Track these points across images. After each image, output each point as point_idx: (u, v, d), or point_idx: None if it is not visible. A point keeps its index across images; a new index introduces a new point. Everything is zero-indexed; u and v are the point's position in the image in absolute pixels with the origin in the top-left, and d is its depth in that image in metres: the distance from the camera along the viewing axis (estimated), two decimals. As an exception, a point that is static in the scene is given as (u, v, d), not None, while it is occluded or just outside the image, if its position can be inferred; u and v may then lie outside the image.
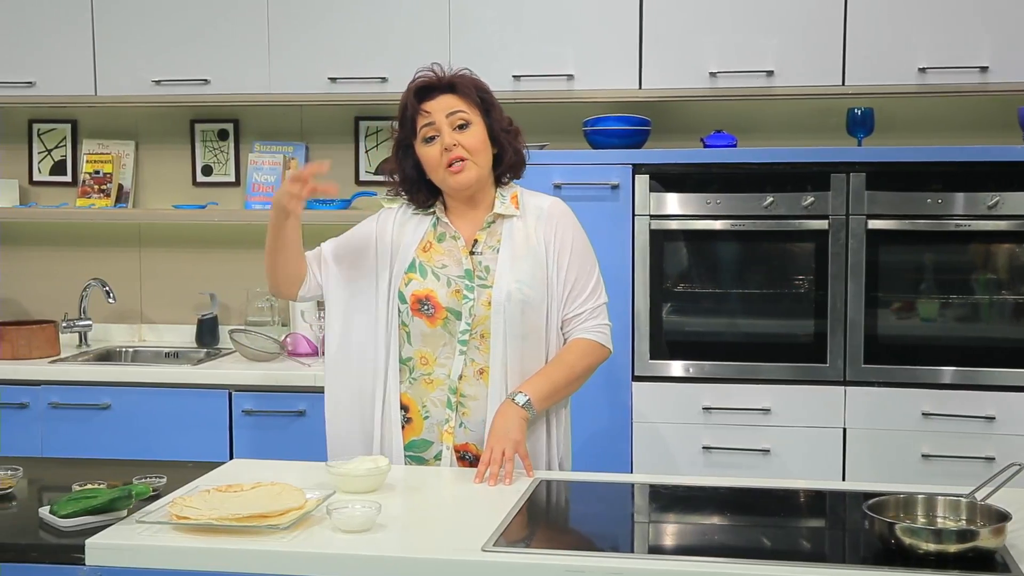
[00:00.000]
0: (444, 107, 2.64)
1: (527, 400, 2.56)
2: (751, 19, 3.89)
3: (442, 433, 2.64)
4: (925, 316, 3.70)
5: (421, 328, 2.64)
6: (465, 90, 2.68)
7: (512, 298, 2.61)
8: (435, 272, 2.66)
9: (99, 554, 2.04)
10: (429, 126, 2.64)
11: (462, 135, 2.63)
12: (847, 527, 2.30)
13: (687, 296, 3.83)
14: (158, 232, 4.65)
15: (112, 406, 4.00)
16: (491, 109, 2.71)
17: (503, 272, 2.63)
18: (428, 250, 2.70)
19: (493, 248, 2.68)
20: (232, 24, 4.18)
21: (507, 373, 2.62)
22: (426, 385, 2.65)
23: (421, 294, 2.64)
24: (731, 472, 3.71)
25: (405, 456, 2.66)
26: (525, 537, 2.12)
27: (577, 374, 2.68)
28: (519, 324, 2.62)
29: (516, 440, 2.50)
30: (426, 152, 2.65)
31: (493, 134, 2.69)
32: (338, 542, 2.05)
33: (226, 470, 2.58)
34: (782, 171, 3.70)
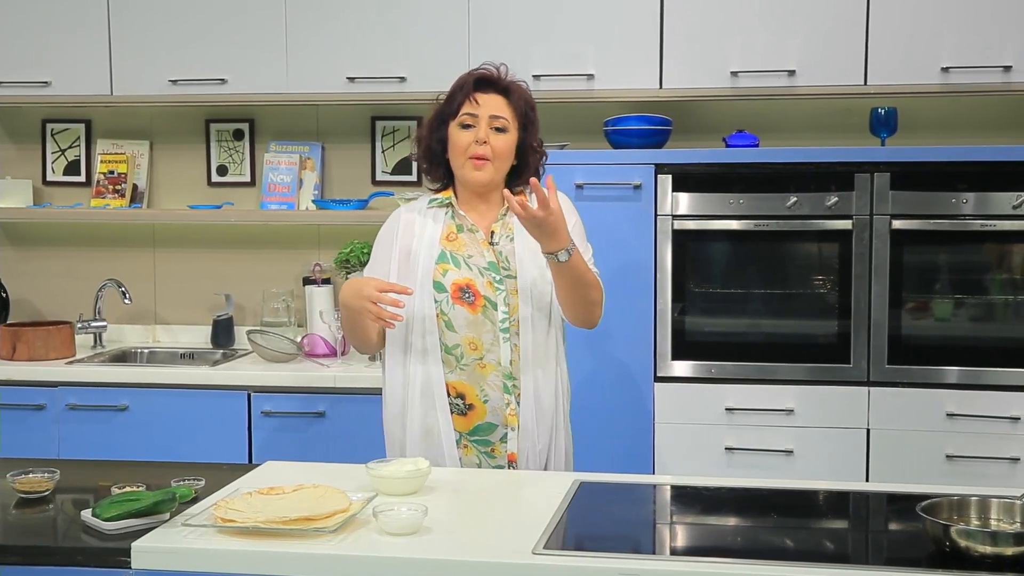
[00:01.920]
0: (493, 106, 2.78)
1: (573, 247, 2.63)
2: (773, 18, 3.88)
3: (506, 416, 2.74)
4: (949, 316, 3.69)
5: (464, 315, 2.73)
6: (516, 99, 2.82)
7: (536, 283, 2.74)
8: (467, 262, 2.76)
9: (145, 557, 2.02)
10: (471, 115, 2.76)
11: (495, 137, 2.76)
12: (896, 529, 2.29)
13: (710, 296, 3.81)
14: (173, 232, 4.63)
15: (130, 407, 3.98)
16: (529, 126, 2.84)
17: (524, 262, 2.75)
18: (453, 240, 2.79)
19: (507, 237, 2.79)
20: (249, 23, 4.16)
21: (543, 356, 2.76)
22: (480, 370, 2.73)
23: (462, 283, 2.74)
24: (753, 473, 3.69)
25: (469, 441, 2.74)
26: (574, 539, 2.10)
27: (594, 283, 2.77)
28: (543, 309, 2.77)
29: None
30: (458, 135, 2.77)
31: (522, 149, 2.82)
32: (386, 545, 2.03)
33: (262, 472, 2.56)
34: (806, 171, 3.69)
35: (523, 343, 2.74)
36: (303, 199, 4.46)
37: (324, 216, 4.40)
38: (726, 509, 2.40)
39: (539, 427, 2.76)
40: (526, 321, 2.74)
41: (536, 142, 2.85)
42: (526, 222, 2.57)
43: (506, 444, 2.74)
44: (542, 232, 2.58)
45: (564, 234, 2.61)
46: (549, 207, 2.54)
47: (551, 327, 2.80)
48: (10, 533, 2.20)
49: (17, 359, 4.11)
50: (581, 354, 3.76)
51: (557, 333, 2.82)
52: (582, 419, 3.73)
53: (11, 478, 2.34)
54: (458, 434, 2.74)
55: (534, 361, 2.75)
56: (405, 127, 4.47)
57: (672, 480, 2.67)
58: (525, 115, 2.81)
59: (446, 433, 2.72)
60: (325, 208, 4.36)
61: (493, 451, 2.76)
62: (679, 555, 2.03)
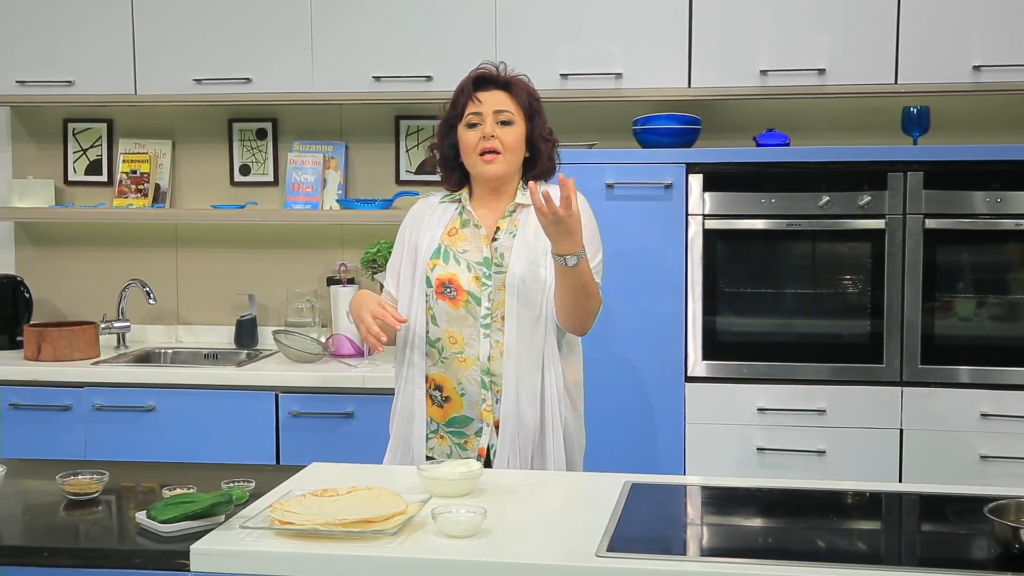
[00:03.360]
0: (494, 102, 2.83)
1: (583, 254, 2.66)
2: (802, 17, 3.86)
3: (481, 411, 2.77)
4: (983, 316, 3.68)
5: (446, 309, 2.79)
6: (517, 92, 2.87)
7: (524, 280, 2.75)
8: (456, 257, 2.81)
9: (204, 560, 2.00)
10: (476, 114, 2.82)
11: (502, 130, 2.81)
12: (967, 531, 2.28)
13: (741, 296, 3.80)
14: (195, 232, 4.60)
15: (157, 408, 3.96)
16: (536, 116, 2.89)
17: (517, 257, 2.78)
18: (453, 235, 2.85)
19: (511, 234, 2.82)
20: (274, 22, 4.14)
21: (525, 351, 2.76)
22: (459, 363, 2.78)
23: (444, 278, 2.80)
24: (784, 474, 3.68)
25: (445, 432, 2.81)
26: (636, 542, 2.08)
27: (595, 294, 2.78)
28: (530, 305, 2.76)
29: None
30: (466, 135, 2.82)
31: (532, 139, 2.87)
32: (446, 548, 2.01)
33: (309, 474, 2.54)
34: (838, 170, 3.68)
35: (506, 338, 2.76)
36: (327, 199, 4.44)
37: (348, 216, 4.38)
38: (781, 511, 2.40)
39: (520, 427, 2.76)
40: (511, 315, 2.75)
41: (546, 131, 2.90)
42: (544, 218, 2.56)
43: (480, 438, 2.79)
44: (558, 231, 2.58)
45: (578, 238, 2.62)
46: (571, 207, 2.55)
47: (540, 326, 2.78)
48: (64, 535, 2.18)
49: (42, 359, 4.09)
50: (611, 354, 3.76)
51: (549, 334, 2.80)
52: (612, 419, 3.75)
53: (60, 480, 2.32)
54: (435, 424, 2.82)
55: (517, 358, 2.75)
56: (430, 126, 4.44)
57: (724, 482, 2.65)
58: (530, 106, 2.87)
59: (419, 420, 2.80)
60: (349, 208, 4.34)
61: (467, 443, 2.81)
62: (743, 557, 2.00)
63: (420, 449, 2.82)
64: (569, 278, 2.67)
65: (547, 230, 2.61)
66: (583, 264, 2.66)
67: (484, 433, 2.78)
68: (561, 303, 2.75)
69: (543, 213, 2.55)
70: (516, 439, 2.77)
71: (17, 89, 4.29)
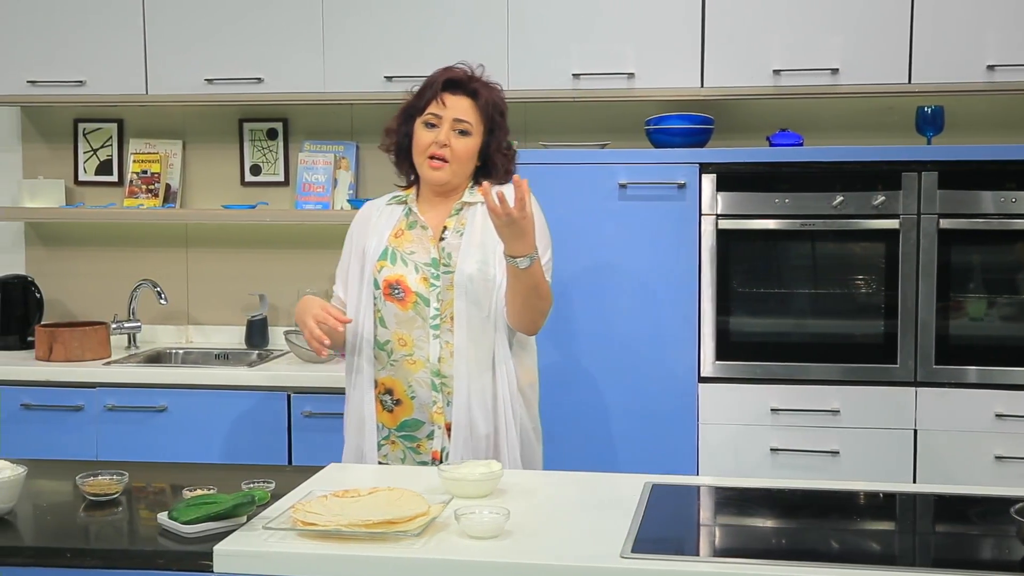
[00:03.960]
0: (458, 109, 2.82)
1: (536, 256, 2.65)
2: (815, 16, 3.85)
3: (432, 414, 2.77)
4: (997, 316, 3.67)
5: (394, 311, 2.79)
6: (484, 103, 2.84)
7: (473, 280, 2.74)
8: (404, 258, 2.81)
9: (228, 561, 1.99)
10: (436, 116, 2.82)
11: (457, 140, 2.81)
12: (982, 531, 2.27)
13: (754, 296, 3.79)
14: (206, 232, 4.60)
15: (169, 408, 3.95)
16: (496, 129, 2.87)
17: (465, 256, 2.77)
18: (400, 236, 2.85)
19: (459, 232, 2.82)
20: (286, 22, 4.13)
21: (473, 351, 2.75)
22: (409, 366, 2.78)
23: (392, 279, 2.79)
24: (798, 475, 3.67)
25: (397, 436, 2.80)
26: (660, 543, 2.08)
27: (546, 295, 2.78)
28: (479, 305, 2.76)
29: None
30: (421, 134, 2.83)
31: (487, 151, 2.85)
32: (470, 549, 2.01)
33: (328, 474, 2.53)
34: (852, 170, 3.67)
35: (456, 339, 2.75)
36: (338, 199, 4.44)
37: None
38: (804, 512, 2.39)
39: (473, 427, 2.75)
40: (460, 315, 2.75)
41: (504, 145, 2.88)
42: (498, 219, 2.55)
43: (432, 441, 2.78)
44: (511, 232, 2.58)
45: (532, 239, 2.62)
46: (524, 209, 2.54)
47: (491, 326, 2.78)
48: (86, 536, 2.17)
49: (54, 360, 4.08)
50: (624, 354, 3.76)
51: (499, 333, 2.79)
52: (625, 420, 3.75)
53: (80, 481, 2.31)
54: (386, 430, 2.81)
55: (467, 358, 2.75)
56: (441, 126, 4.43)
57: (745, 482, 2.64)
58: (492, 119, 2.84)
59: (369, 427, 2.80)
60: (360, 208, 4.32)
61: (419, 447, 2.81)
62: (771, 558, 2.00)
63: (373, 456, 2.81)
64: (521, 279, 2.67)
65: (500, 231, 2.60)
66: (535, 265, 2.66)
67: (436, 436, 2.78)
68: (512, 304, 2.75)
69: (497, 214, 2.54)
70: (469, 441, 2.76)
71: (28, 89, 4.28)
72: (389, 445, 2.82)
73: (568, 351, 3.77)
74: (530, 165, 3.75)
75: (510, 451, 2.79)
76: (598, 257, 3.76)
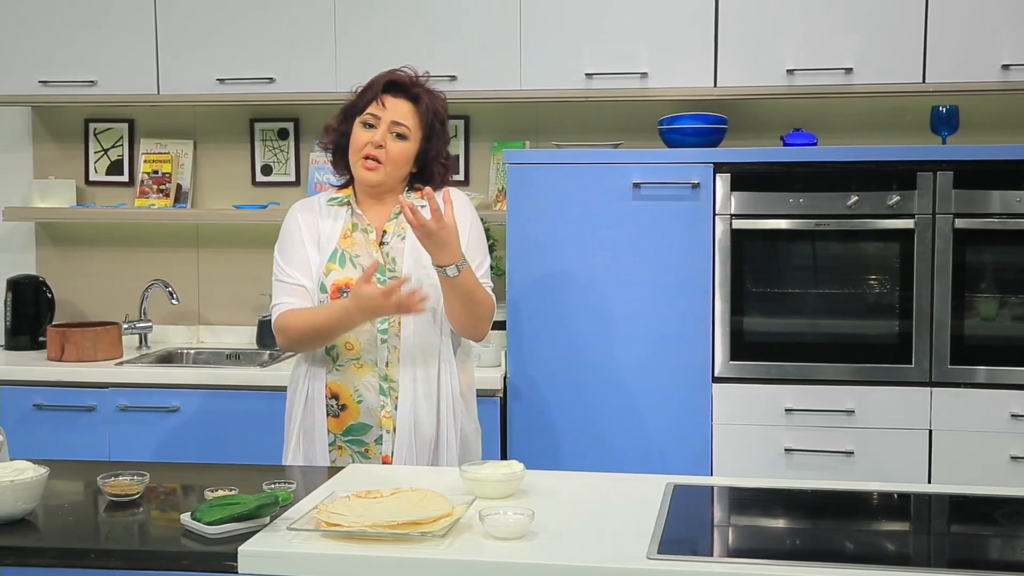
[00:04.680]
0: (397, 112, 2.80)
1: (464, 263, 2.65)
2: (829, 16, 3.85)
3: (380, 418, 2.75)
4: (1013, 316, 3.66)
5: None
6: (423, 108, 2.82)
7: (421, 283, 2.71)
8: (352, 261, 2.79)
9: (252, 562, 1.99)
10: (374, 116, 2.80)
11: (393, 143, 2.78)
12: (997, 532, 2.26)
13: (768, 296, 3.78)
14: (217, 232, 4.59)
15: (181, 409, 3.94)
16: (434, 137, 2.84)
17: (409, 259, 2.76)
18: (347, 238, 2.82)
19: (400, 236, 2.81)
20: (298, 21, 4.13)
21: (419, 355, 2.75)
22: (356, 370, 2.76)
23: (341, 283, 2.76)
24: (812, 475, 3.66)
25: (344, 441, 2.77)
26: (686, 544, 2.07)
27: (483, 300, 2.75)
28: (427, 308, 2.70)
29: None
30: (358, 134, 2.81)
31: (425, 158, 2.83)
32: (496, 549, 2.00)
33: (347, 475, 2.53)
34: (866, 170, 3.66)
35: (403, 343, 2.74)
36: (349, 199, 4.42)
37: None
38: (831, 512, 2.38)
39: (417, 429, 2.75)
40: (407, 320, 2.74)
41: (442, 155, 2.86)
42: (417, 231, 2.57)
43: (381, 446, 2.77)
44: (433, 243, 2.59)
45: (455, 248, 2.62)
46: (442, 220, 2.55)
47: (436, 327, 2.79)
48: (109, 537, 2.17)
49: (66, 360, 4.08)
50: (638, 354, 3.75)
51: (444, 335, 2.80)
52: (639, 420, 3.74)
53: (101, 481, 2.31)
54: (332, 435, 2.79)
55: (413, 362, 2.75)
56: (453, 126, 4.41)
57: (767, 483, 2.64)
58: (431, 125, 2.82)
59: (320, 434, 2.77)
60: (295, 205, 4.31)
61: (367, 451, 2.79)
62: (798, 559, 1.99)
63: (324, 463, 2.78)
64: (453, 287, 2.67)
65: (422, 242, 2.61)
66: (465, 273, 2.66)
67: (385, 440, 2.76)
68: (451, 311, 2.75)
69: (413, 226, 2.56)
70: (413, 445, 2.75)
71: (40, 89, 4.27)
72: (337, 451, 2.80)
73: (583, 351, 3.76)
74: (543, 165, 3.78)
75: (449, 455, 2.80)
76: (611, 256, 3.75)
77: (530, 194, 3.78)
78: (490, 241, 4.04)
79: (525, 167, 3.79)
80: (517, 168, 3.80)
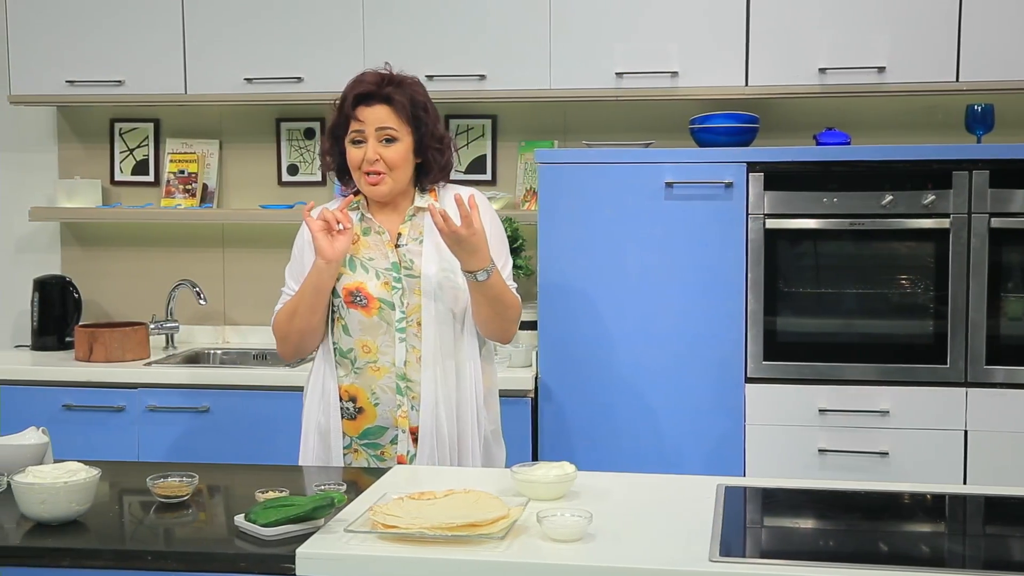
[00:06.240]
0: (375, 119, 2.74)
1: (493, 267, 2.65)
2: (862, 14, 3.83)
3: (396, 418, 2.74)
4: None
5: (359, 318, 2.74)
6: (399, 105, 2.76)
7: (442, 285, 2.72)
8: (364, 265, 2.76)
9: (311, 564, 1.97)
10: (358, 132, 2.75)
11: (386, 149, 2.74)
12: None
13: (802, 296, 3.76)
14: (243, 232, 4.58)
15: (211, 409, 3.93)
16: (422, 126, 2.78)
17: (429, 261, 2.74)
18: (356, 243, 2.79)
19: (416, 240, 2.78)
20: (326, 20, 4.11)
21: (440, 356, 2.73)
22: (373, 372, 2.74)
23: (352, 287, 2.74)
24: (847, 476, 3.65)
25: (359, 444, 2.76)
26: (747, 546, 2.05)
27: (512, 303, 2.76)
28: (448, 308, 2.73)
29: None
30: (351, 152, 2.76)
31: (420, 149, 2.78)
32: (556, 552, 1.98)
33: (393, 477, 2.51)
34: (901, 169, 3.64)
35: (424, 341, 2.72)
36: (376, 198, 4.41)
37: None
38: (887, 514, 2.36)
39: (439, 432, 2.72)
40: (428, 317, 2.72)
41: (436, 138, 2.80)
42: (447, 238, 2.56)
43: (396, 446, 2.75)
44: (462, 249, 2.58)
45: (485, 253, 2.61)
46: (472, 226, 2.54)
47: (460, 329, 2.77)
48: (164, 539, 2.15)
49: (94, 360, 4.06)
50: (671, 354, 3.73)
51: (469, 337, 2.78)
52: (672, 420, 3.72)
53: (151, 482, 2.29)
54: (348, 438, 2.77)
55: (434, 363, 2.72)
56: (480, 125, 4.42)
57: (821, 484, 2.60)
58: (415, 117, 2.77)
59: (335, 438, 2.74)
60: None
61: (383, 454, 2.77)
62: (859, 562, 1.97)
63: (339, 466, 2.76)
64: (483, 291, 2.66)
65: (452, 249, 2.61)
66: (495, 277, 2.65)
67: (400, 440, 2.75)
68: (479, 315, 2.73)
69: (444, 235, 2.55)
70: (435, 450, 2.73)
71: (67, 89, 4.26)
72: (352, 454, 2.78)
73: (615, 351, 3.75)
74: (575, 164, 3.77)
75: (473, 459, 2.78)
76: (644, 256, 3.74)
77: (562, 193, 3.77)
78: (519, 241, 4.04)
79: (557, 167, 3.78)
80: (549, 168, 3.78)
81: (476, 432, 2.78)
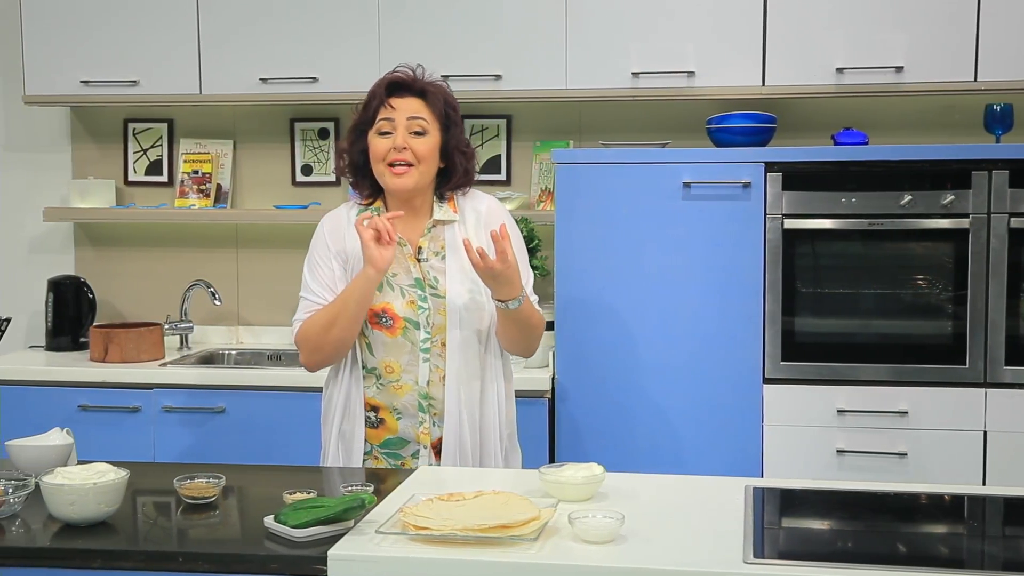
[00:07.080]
0: (408, 109, 2.71)
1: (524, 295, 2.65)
2: (879, 13, 3.82)
3: (418, 434, 2.72)
4: (1069, 316, 3.64)
5: (382, 339, 2.71)
6: (433, 100, 2.75)
7: (468, 306, 2.70)
8: (388, 282, 2.70)
9: (342, 566, 1.96)
10: (388, 121, 2.70)
11: (416, 141, 2.69)
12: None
13: (820, 297, 3.75)
14: (257, 233, 4.57)
15: (227, 410, 3.92)
16: (452, 127, 2.76)
17: (454, 282, 2.70)
18: None
19: (438, 255, 2.74)
20: (341, 21, 4.10)
21: (466, 376, 2.71)
22: (395, 391, 2.72)
23: (377, 308, 2.69)
24: (866, 476, 3.64)
25: (380, 453, 2.74)
26: (781, 547, 2.04)
27: (538, 323, 2.76)
28: (473, 331, 2.71)
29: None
30: (376, 143, 2.70)
31: (447, 150, 2.75)
32: (589, 553, 1.97)
33: (419, 476, 2.50)
34: (920, 169, 3.63)
35: (449, 362, 2.69)
36: (391, 199, 4.40)
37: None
38: (911, 516, 2.36)
39: (461, 453, 2.71)
40: (454, 341, 2.69)
41: (462, 143, 2.79)
42: (482, 272, 2.55)
43: (417, 460, 2.73)
44: (497, 282, 2.57)
45: (517, 283, 2.60)
46: (507, 260, 2.53)
47: (484, 351, 2.75)
48: (196, 540, 2.14)
49: (109, 361, 4.06)
50: (689, 355, 3.72)
51: (492, 357, 2.77)
52: (689, 421, 3.72)
53: (177, 483, 2.28)
54: (369, 445, 2.76)
55: (458, 383, 2.70)
56: (495, 125, 4.42)
57: (849, 486, 2.59)
58: (446, 115, 2.75)
59: (358, 444, 2.73)
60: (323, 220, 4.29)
61: (403, 465, 2.75)
62: (891, 564, 1.96)
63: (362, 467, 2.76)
64: (512, 318, 2.66)
65: (486, 282, 2.60)
66: (525, 302, 2.65)
67: (422, 455, 2.73)
68: (505, 336, 2.73)
69: (479, 269, 2.54)
70: (457, 463, 2.71)
71: (81, 89, 4.25)
72: (372, 460, 2.76)
73: (632, 351, 3.74)
74: (592, 165, 3.76)
75: (495, 462, 2.78)
76: (661, 256, 3.73)
77: (579, 194, 3.76)
78: (535, 241, 4.03)
79: (574, 167, 3.77)
80: (566, 168, 3.77)
81: (498, 446, 2.77)
